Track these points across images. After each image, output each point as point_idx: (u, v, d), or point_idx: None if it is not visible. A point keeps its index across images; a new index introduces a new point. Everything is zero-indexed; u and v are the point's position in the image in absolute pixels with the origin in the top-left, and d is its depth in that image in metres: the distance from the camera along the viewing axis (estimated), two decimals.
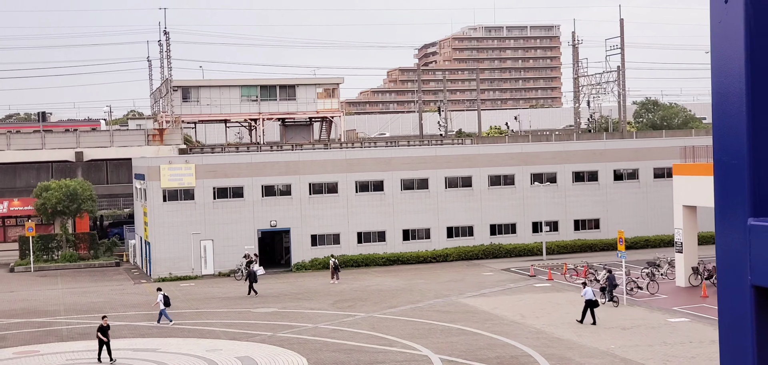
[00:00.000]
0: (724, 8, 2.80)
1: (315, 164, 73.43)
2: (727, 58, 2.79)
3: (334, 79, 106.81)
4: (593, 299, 46.10)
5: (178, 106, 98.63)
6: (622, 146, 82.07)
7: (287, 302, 56.26)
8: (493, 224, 75.83)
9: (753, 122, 2.74)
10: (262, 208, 71.70)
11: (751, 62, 2.74)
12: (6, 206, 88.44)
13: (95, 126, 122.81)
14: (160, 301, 49.63)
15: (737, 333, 2.82)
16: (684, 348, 39.22)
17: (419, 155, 77.13)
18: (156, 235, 70.45)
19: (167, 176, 70.39)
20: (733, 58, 2.78)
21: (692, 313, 47.47)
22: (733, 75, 2.78)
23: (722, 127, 2.84)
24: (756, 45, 2.73)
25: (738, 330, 2.82)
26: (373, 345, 42.10)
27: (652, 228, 77.37)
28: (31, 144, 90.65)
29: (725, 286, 2.87)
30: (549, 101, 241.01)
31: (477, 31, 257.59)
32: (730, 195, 2.80)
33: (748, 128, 2.74)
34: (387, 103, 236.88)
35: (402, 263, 72.76)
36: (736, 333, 2.83)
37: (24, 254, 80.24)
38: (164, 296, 49.96)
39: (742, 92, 2.75)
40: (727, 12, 2.79)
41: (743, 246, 2.75)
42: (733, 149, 2.79)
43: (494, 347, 40.79)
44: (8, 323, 51.92)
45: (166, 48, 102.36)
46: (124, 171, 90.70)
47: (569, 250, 75.16)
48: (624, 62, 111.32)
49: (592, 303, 45.92)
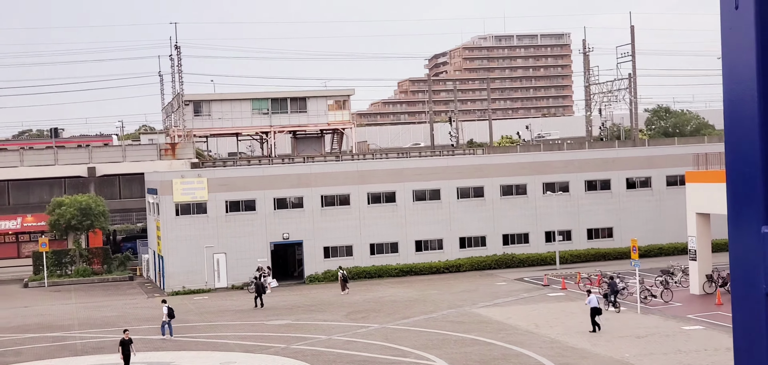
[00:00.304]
0: (735, 15, 2.79)
1: (327, 176, 73.45)
2: (738, 64, 2.77)
3: (345, 91, 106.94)
4: (598, 307, 46.43)
5: (190, 120, 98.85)
6: (635, 153, 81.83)
7: (300, 314, 56.25)
8: (506, 234, 75.70)
9: (766, 130, 2.72)
10: (275, 221, 71.74)
11: (762, 68, 2.72)
12: (19, 221, 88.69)
13: (107, 141, 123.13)
14: (166, 313, 50.33)
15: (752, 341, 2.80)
16: (699, 357, 39.05)
17: (431, 165, 77.08)
18: (169, 249, 70.55)
19: (180, 190, 70.51)
20: (745, 65, 2.76)
21: (707, 321, 47.27)
22: (744, 82, 2.76)
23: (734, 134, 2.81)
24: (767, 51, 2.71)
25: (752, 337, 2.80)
26: (387, 356, 42.03)
27: (665, 236, 77.11)
28: (44, 160, 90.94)
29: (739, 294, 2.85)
30: (560, 110, 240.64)
31: (487, 41, 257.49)
32: (743, 203, 2.78)
33: (760, 134, 2.72)
34: (398, 114, 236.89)
35: (415, 274, 72.68)
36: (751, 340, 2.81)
37: (38, 269, 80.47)
38: (169, 308, 50.65)
39: (754, 99, 2.73)
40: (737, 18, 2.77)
41: (757, 254, 2.73)
42: (746, 157, 2.76)
43: (508, 357, 40.68)
44: (23, 338, 52.03)
45: (177, 62, 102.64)
46: (136, 186, 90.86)
47: (583, 259, 74.97)
48: (635, 69, 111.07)
49: (596, 311, 46.19)
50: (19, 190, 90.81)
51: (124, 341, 40.34)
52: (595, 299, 47.01)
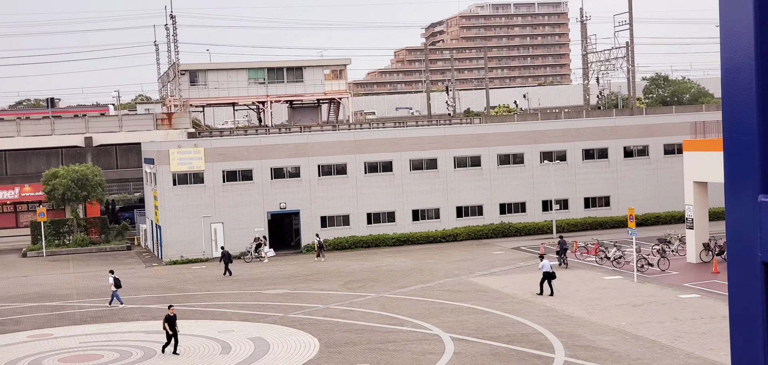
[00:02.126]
0: None
1: (323, 145, 73.42)
2: (736, 33, 2.77)
3: (342, 60, 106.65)
4: (550, 271, 48.15)
5: (186, 90, 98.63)
6: (632, 122, 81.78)
7: (298, 283, 56.36)
8: (503, 203, 75.79)
9: (763, 98, 2.72)
10: (272, 190, 71.77)
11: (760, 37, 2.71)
12: (17, 191, 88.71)
13: (104, 111, 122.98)
14: (111, 283, 51.17)
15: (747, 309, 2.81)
16: (695, 325, 39.20)
17: (428, 135, 77.02)
18: (166, 219, 70.60)
19: (177, 160, 70.49)
20: (743, 33, 2.75)
21: (703, 289, 47.41)
22: (742, 50, 2.76)
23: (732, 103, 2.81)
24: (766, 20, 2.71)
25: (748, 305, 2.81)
26: (384, 324, 42.17)
27: (662, 205, 77.26)
28: (41, 130, 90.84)
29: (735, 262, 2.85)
30: (558, 78, 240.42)
31: (484, 9, 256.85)
32: (740, 172, 2.78)
33: (758, 104, 2.72)
34: (395, 83, 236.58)
35: (412, 243, 72.81)
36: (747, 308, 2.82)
37: (36, 239, 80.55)
38: (115, 278, 51.43)
39: (752, 68, 2.72)
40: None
41: (753, 223, 2.74)
42: (744, 125, 2.76)
43: (505, 325, 40.82)
44: (22, 307, 52.14)
45: (172, 32, 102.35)
46: (133, 156, 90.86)
47: (580, 228, 75.10)
48: (633, 38, 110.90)
49: (549, 275, 47.93)
50: (16, 160, 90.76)
51: (169, 317, 38.44)
52: (548, 264, 48.60)
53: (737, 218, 2.81)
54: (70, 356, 39.68)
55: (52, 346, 41.75)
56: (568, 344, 36.66)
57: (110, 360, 38.37)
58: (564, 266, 56.77)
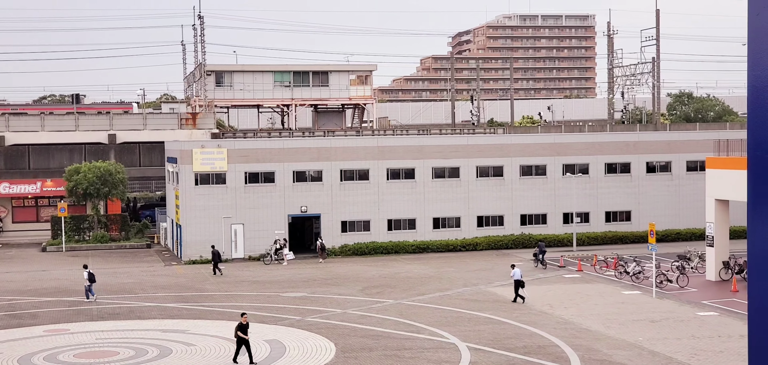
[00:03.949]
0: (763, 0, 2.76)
1: (347, 150, 73.46)
2: (764, 51, 2.75)
3: (368, 66, 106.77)
4: (521, 280, 49.82)
5: (211, 90, 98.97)
6: (656, 138, 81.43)
7: (316, 287, 56.40)
8: (524, 214, 75.66)
9: None
10: (293, 193, 71.87)
11: None
12: (39, 186, 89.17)
13: (128, 109, 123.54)
14: (86, 277, 51.97)
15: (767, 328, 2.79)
16: (712, 343, 38.97)
17: (451, 143, 76.96)
18: (187, 218, 70.80)
19: (199, 159, 70.70)
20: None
21: (722, 307, 47.15)
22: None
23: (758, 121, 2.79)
24: None
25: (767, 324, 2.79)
26: (401, 331, 42.12)
27: (683, 221, 76.94)
28: (65, 126, 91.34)
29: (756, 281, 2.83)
30: (583, 92, 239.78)
31: (511, 20, 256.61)
32: (763, 191, 2.76)
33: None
34: (420, 91, 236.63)
35: (431, 251, 72.75)
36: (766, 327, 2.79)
37: (56, 234, 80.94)
38: (89, 273, 52.22)
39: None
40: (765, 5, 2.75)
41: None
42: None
43: (521, 336, 40.70)
44: (39, 301, 52.39)
45: (200, 32, 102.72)
46: (156, 154, 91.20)
47: (600, 242, 74.87)
48: (659, 53, 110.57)
49: (519, 284, 49.57)
50: (39, 155, 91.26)
51: (241, 325, 37.09)
52: (519, 273, 50.16)
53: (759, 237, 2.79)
54: (85, 352, 39.81)
55: (68, 341, 41.92)
56: (584, 358, 36.52)
57: (126, 358, 38.48)
58: (542, 267, 61.86)
